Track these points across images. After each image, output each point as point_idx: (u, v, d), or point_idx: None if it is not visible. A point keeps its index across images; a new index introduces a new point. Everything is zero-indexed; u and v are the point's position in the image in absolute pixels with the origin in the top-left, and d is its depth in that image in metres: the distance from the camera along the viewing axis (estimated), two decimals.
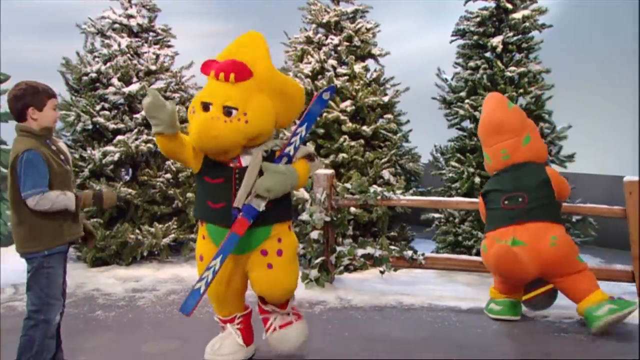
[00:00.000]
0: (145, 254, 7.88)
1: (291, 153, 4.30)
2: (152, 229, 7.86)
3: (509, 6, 7.86)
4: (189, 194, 8.00)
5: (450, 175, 7.94)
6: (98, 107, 8.13)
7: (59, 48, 8.48)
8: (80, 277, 7.36)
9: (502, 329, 5.50)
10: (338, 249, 6.90)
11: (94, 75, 8.12)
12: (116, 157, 7.87)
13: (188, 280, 7.25)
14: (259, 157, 4.17)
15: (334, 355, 4.85)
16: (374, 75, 8.43)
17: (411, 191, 8.13)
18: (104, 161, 7.86)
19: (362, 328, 5.53)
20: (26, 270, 3.99)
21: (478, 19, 8.08)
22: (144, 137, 7.99)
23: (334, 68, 8.30)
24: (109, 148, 7.92)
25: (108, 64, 8.15)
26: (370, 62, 8.59)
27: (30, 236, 3.91)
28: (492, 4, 7.96)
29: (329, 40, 8.44)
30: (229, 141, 4.03)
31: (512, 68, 7.75)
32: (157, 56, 8.48)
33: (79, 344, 5.05)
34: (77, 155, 8.01)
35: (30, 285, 3.98)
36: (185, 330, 5.52)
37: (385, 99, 8.29)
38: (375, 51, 8.52)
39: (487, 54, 8.00)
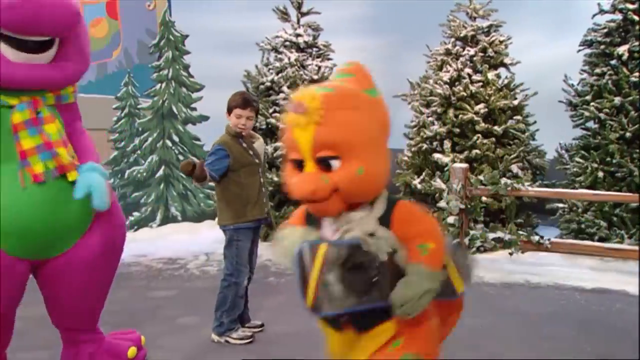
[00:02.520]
0: None
1: None
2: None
3: (636, 18, 7.37)
4: None
5: (575, 169, 7.60)
6: (271, 110, 8.44)
7: (241, 62, 8.94)
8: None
9: (625, 308, 5.21)
10: (471, 232, 6.81)
11: (268, 84, 8.45)
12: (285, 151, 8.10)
13: None
14: None
15: (471, 326, 4.79)
16: (505, 81, 8.19)
17: (537, 183, 7.85)
18: (275, 154, 8.16)
19: (494, 302, 5.44)
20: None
21: (605, 30, 7.66)
22: None
23: (470, 76, 8.15)
24: (279, 144, 8.17)
25: (280, 75, 8.45)
26: (502, 70, 8.36)
27: (223, 212, 4.15)
28: (619, 17, 7.51)
29: (465, 52, 8.29)
30: None
31: (637, 74, 7.27)
32: (319, 68, 8.67)
33: (258, 304, 5.26)
34: None
35: (225, 253, 4.21)
36: None
37: (515, 102, 8.04)
38: (507, 60, 8.28)
39: (613, 62, 7.55)
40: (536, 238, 6.45)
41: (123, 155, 9.59)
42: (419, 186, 7.90)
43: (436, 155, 7.83)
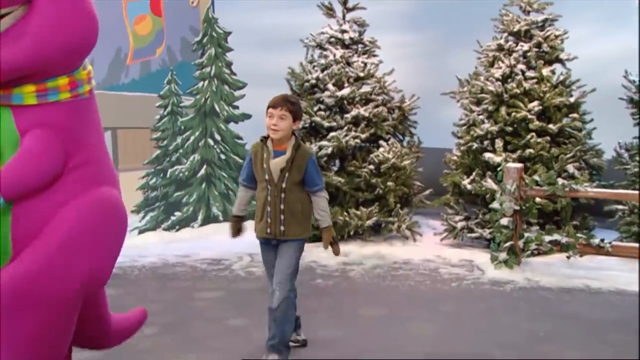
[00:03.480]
0: (351, 233, 8.01)
1: None
2: (358, 212, 8.01)
3: None
4: (389, 183, 8.06)
5: (636, 169, 7.38)
6: (315, 108, 8.41)
7: (284, 59, 8.91)
8: None
9: None
10: (525, 235, 6.68)
11: (313, 81, 8.43)
12: (329, 150, 8.11)
13: (388, 257, 7.32)
14: None
15: (530, 331, 4.71)
16: (561, 78, 8.00)
17: (594, 184, 7.65)
18: (319, 153, 8.14)
19: (552, 307, 5.31)
20: None
21: None
22: (353, 133, 8.17)
23: (523, 72, 8.00)
24: (324, 142, 8.17)
25: (325, 72, 8.42)
26: (557, 66, 8.16)
27: None
28: None
29: (518, 47, 8.14)
30: None
31: None
32: (365, 64, 8.62)
33: (306, 306, 5.22)
34: None
35: None
36: (391, 299, 5.62)
37: (572, 99, 7.86)
38: (562, 56, 8.08)
39: None
40: (596, 241, 6.28)
41: (165, 154, 9.73)
42: (468, 187, 7.79)
43: (487, 155, 7.71)
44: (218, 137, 9.60)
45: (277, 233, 3.72)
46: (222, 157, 9.59)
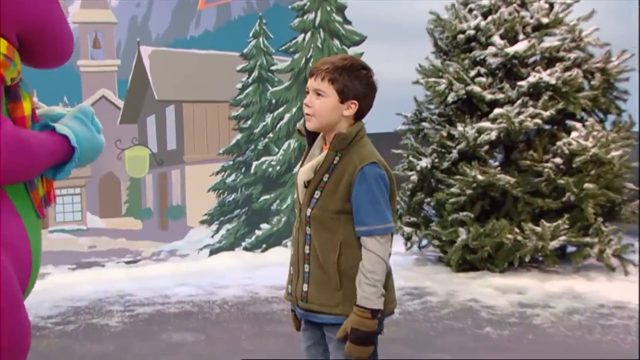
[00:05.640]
0: (526, 259, 7.84)
1: None
2: (537, 228, 7.76)
3: None
4: (587, 184, 7.73)
5: None
6: (473, 73, 8.25)
7: (423, 2, 8.75)
8: (449, 284, 7.71)
9: None
10: None
11: (470, 32, 8.24)
12: (493, 135, 7.90)
13: (588, 297, 7.15)
14: None
15: None
16: None
17: None
18: (478, 140, 7.91)
19: None
20: None
21: None
22: (530, 110, 7.89)
23: None
24: (485, 124, 7.99)
25: (489, 18, 8.23)
26: None
27: None
28: None
29: None
30: None
31: None
32: (551, 5, 8.36)
33: None
34: (444, 133, 8.18)
35: None
36: None
37: None
38: None
39: None
40: None
41: (249, 139, 9.74)
42: None
43: None
44: None
45: (299, 296, 3.17)
46: None
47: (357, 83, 3.02)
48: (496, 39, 8.11)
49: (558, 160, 7.98)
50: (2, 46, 2.49)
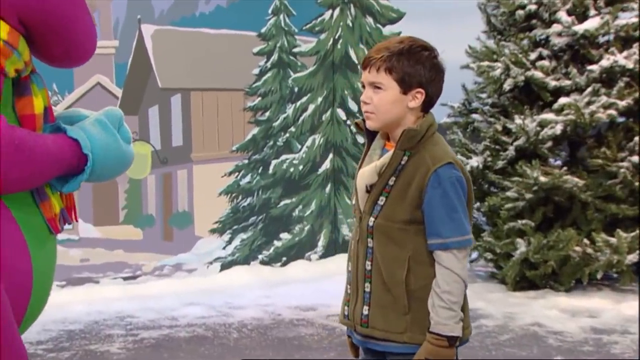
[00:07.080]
0: (598, 275, 7.80)
1: None
2: (611, 239, 7.70)
3: None
4: None
5: None
6: (533, 56, 8.21)
7: None
8: (505, 305, 7.64)
9: None
10: None
11: (532, 7, 8.17)
12: (558, 129, 7.85)
13: None
14: None
15: None
16: None
17: None
18: (540, 135, 7.88)
19: None
20: None
21: None
22: (603, 99, 7.84)
23: None
24: (548, 116, 7.96)
25: None
26: None
27: None
28: None
29: None
30: None
31: None
32: None
33: None
34: (499, 127, 8.13)
35: None
36: None
37: None
38: None
39: None
40: None
41: (267, 134, 9.75)
42: None
43: None
44: (354, 107, 9.56)
45: (357, 320, 3.12)
46: (360, 139, 9.46)
47: (419, 68, 2.93)
48: (562, 15, 8.05)
49: (635, 159, 7.91)
50: (3, 31, 2.42)
